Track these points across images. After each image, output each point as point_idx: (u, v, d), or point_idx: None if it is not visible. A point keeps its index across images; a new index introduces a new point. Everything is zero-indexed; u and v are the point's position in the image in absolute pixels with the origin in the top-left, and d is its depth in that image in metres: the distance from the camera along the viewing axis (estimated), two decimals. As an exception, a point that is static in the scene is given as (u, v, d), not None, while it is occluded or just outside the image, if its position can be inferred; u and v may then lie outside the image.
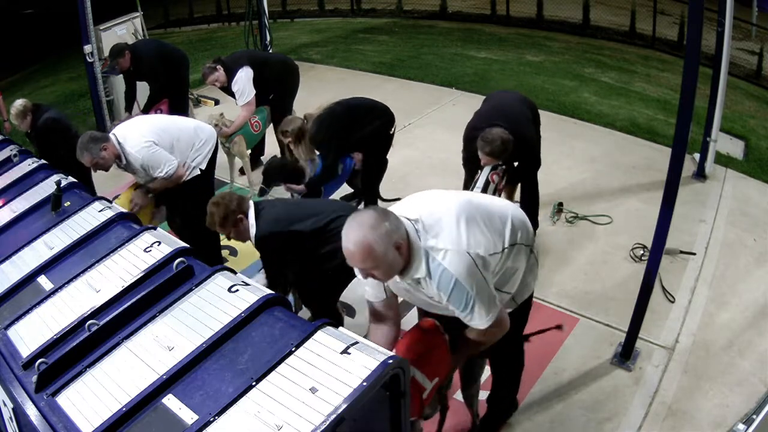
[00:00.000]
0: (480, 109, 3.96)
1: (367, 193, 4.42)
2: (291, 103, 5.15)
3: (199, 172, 3.83)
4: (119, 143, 3.57)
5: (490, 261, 2.06)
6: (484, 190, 3.67)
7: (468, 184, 3.84)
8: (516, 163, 3.79)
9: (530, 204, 4.10)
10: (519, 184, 4.11)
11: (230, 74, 4.89)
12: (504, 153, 3.51)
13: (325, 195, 4.17)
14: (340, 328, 1.96)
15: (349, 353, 1.82)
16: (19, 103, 4.43)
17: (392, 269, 1.98)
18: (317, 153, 4.06)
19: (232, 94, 5.04)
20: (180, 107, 5.60)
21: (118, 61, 5.27)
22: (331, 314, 3.18)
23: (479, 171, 3.76)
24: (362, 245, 1.88)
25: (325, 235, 2.89)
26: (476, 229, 2.05)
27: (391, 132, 4.22)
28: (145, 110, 5.44)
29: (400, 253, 1.94)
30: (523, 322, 2.58)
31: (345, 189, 4.56)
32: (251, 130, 5.10)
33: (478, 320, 2.06)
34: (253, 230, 2.92)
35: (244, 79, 4.85)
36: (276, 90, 5.17)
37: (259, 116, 5.14)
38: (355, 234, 1.89)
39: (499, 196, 3.94)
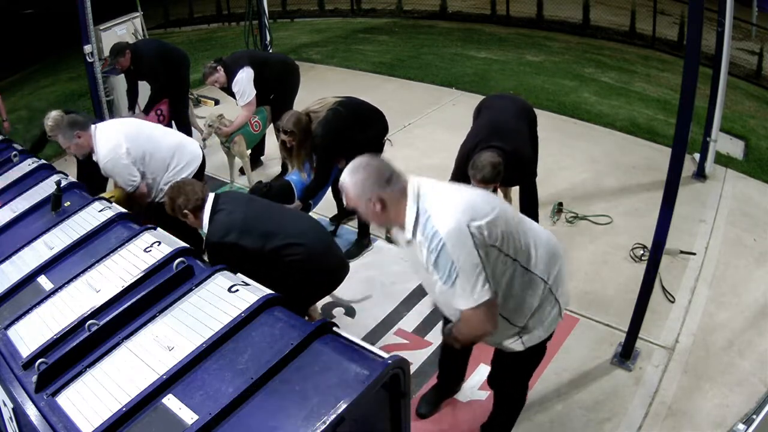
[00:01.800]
0: (475, 125, 3.87)
1: None
2: (291, 103, 5.14)
3: None
4: (95, 137, 3.52)
5: (490, 248, 1.95)
6: None
7: None
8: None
9: (529, 205, 4.07)
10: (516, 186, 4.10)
11: (230, 74, 4.88)
12: (497, 176, 3.42)
13: (313, 204, 4.04)
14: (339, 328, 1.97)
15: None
16: (54, 115, 3.82)
17: (372, 217, 2.05)
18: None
19: (233, 95, 5.04)
20: (180, 107, 5.60)
21: (118, 59, 5.27)
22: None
23: None
24: (342, 185, 2.05)
25: (274, 261, 2.75)
26: (487, 208, 1.98)
27: (383, 141, 4.09)
28: (146, 110, 5.43)
29: (373, 205, 1.98)
30: (532, 367, 2.48)
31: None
32: (251, 130, 5.10)
33: (460, 298, 1.94)
34: (205, 229, 2.81)
35: (245, 79, 4.85)
36: (276, 90, 5.17)
37: (259, 116, 5.14)
38: (344, 174, 2.05)
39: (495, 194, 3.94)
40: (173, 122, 5.61)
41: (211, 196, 2.86)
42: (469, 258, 1.90)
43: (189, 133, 5.69)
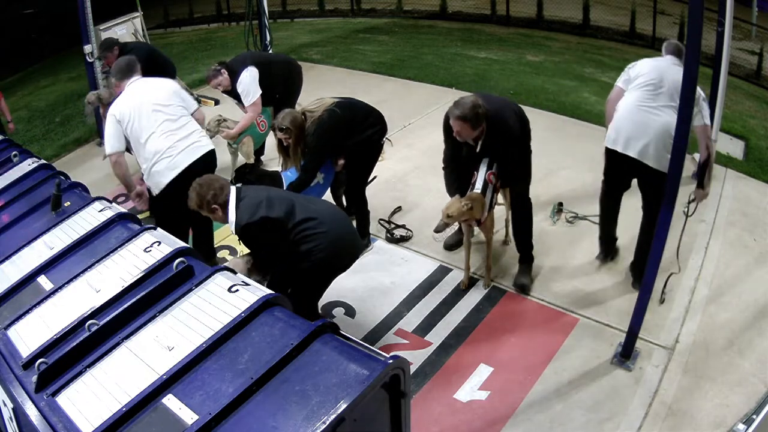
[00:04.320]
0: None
1: (355, 199, 4.26)
2: (294, 103, 5.14)
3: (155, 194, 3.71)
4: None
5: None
6: (483, 190, 3.65)
7: (450, 182, 3.76)
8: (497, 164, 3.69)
9: (522, 218, 3.86)
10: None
11: (234, 76, 4.87)
12: (476, 119, 3.34)
13: None
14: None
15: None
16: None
17: None
18: None
19: (236, 97, 5.03)
20: None
21: (106, 54, 5.16)
22: (310, 313, 3.13)
23: (475, 173, 3.73)
24: None
25: (298, 234, 2.90)
26: None
27: (382, 142, 4.10)
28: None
29: None
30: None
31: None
32: (258, 130, 5.10)
33: None
34: (232, 217, 2.89)
35: (249, 79, 4.84)
36: (280, 90, 5.16)
37: (264, 116, 5.13)
38: None
39: (497, 195, 3.90)
40: None
41: (233, 189, 2.96)
42: None
43: None
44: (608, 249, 4.07)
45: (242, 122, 4.96)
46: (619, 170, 3.76)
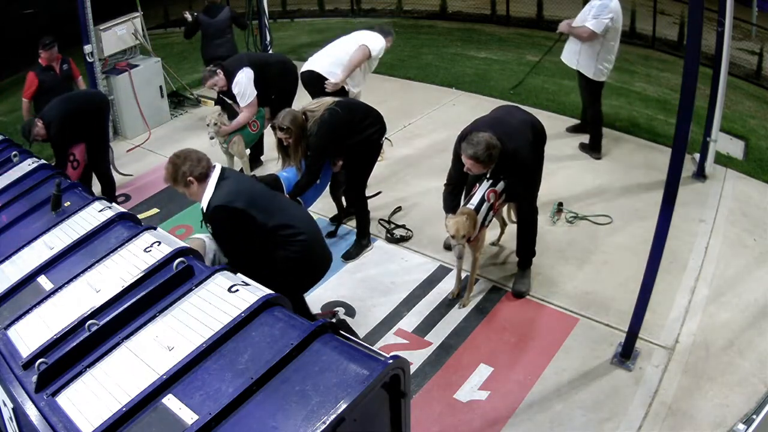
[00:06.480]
0: (476, 119, 3.76)
1: (355, 200, 4.28)
2: (290, 103, 5.15)
3: None
4: None
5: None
6: (478, 208, 3.56)
7: (449, 202, 3.68)
8: (503, 182, 3.66)
9: (524, 232, 3.83)
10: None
11: (230, 77, 4.88)
12: (488, 159, 3.31)
13: (305, 205, 3.95)
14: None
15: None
16: None
17: None
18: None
19: (232, 98, 5.04)
20: (99, 155, 5.05)
21: (33, 135, 4.62)
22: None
23: (477, 185, 3.70)
24: None
25: (275, 239, 2.84)
26: None
27: (381, 142, 4.10)
28: (60, 165, 4.68)
29: None
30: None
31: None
32: (249, 129, 5.10)
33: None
34: (208, 196, 2.79)
35: (245, 80, 4.85)
36: (276, 92, 5.16)
37: (256, 116, 5.14)
38: None
39: (495, 215, 3.83)
40: (91, 171, 5.11)
41: (218, 167, 2.88)
42: None
43: (110, 184, 5.22)
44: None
45: (236, 122, 4.96)
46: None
